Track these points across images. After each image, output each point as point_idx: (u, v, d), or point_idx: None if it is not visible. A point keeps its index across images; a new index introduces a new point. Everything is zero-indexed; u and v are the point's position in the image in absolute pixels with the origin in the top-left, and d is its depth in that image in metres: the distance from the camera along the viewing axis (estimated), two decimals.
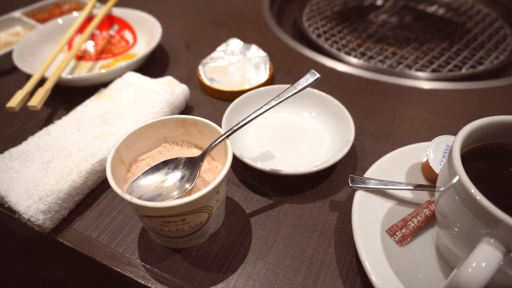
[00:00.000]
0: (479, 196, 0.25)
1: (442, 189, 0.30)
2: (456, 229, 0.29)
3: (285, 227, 0.39)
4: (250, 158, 0.45)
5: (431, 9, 0.91)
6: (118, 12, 0.72)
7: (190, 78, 0.62)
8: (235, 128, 0.36)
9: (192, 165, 0.36)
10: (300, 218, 0.40)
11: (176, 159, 0.36)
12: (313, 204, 0.41)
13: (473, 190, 0.25)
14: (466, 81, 0.62)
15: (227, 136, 0.36)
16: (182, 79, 0.62)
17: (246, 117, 0.37)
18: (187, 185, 0.34)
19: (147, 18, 0.69)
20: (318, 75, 0.38)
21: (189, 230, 0.34)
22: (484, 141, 0.32)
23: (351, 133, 0.44)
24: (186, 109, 0.55)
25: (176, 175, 0.35)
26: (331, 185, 0.43)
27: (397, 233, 0.36)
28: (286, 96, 0.37)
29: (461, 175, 0.27)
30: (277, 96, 0.37)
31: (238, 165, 0.46)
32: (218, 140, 0.36)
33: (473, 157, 0.31)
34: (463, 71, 0.67)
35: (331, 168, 0.45)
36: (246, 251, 0.37)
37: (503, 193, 0.29)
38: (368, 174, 0.40)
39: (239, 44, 0.65)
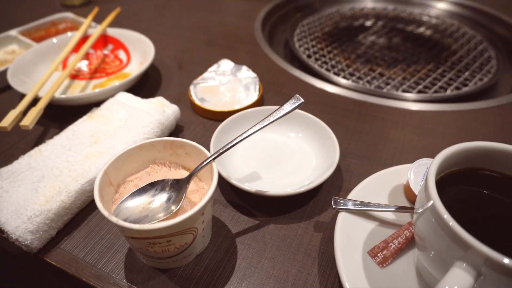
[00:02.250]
0: (452, 222, 0.26)
1: (419, 211, 0.31)
2: (432, 251, 0.30)
3: (270, 247, 0.40)
4: (237, 178, 0.46)
5: (419, 30, 0.94)
6: (113, 32, 0.73)
7: (182, 98, 0.63)
8: (220, 151, 0.37)
9: (178, 187, 0.37)
10: (285, 239, 0.41)
11: (163, 180, 0.37)
12: (298, 224, 0.42)
13: (446, 215, 0.26)
14: (450, 103, 0.63)
15: (213, 159, 0.37)
16: (174, 99, 0.63)
17: (231, 141, 0.38)
18: (173, 207, 0.35)
19: (141, 38, 0.70)
20: (302, 100, 0.39)
21: (175, 251, 0.35)
22: (461, 165, 0.33)
23: (336, 154, 0.45)
24: (177, 129, 0.56)
25: (163, 196, 0.36)
26: (316, 206, 0.44)
27: (378, 255, 0.36)
28: (270, 121, 0.38)
29: (435, 200, 0.28)
30: (261, 120, 0.39)
31: (226, 185, 0.47)
32: (204, 163, 0.37)
33: (450, 181, 0.32)
34: (448, 92, 0.69)
35: (316, 189, 0.46)
36: (231, 271, 0.38)
37: (476, 218, 0.30)
38: (351, 195, 0.41)
39: (230, 64, 0.66)
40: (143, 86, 0.67)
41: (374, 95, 0.65)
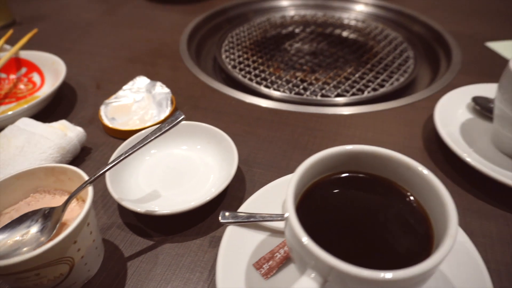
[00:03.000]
0: (298, 229, 0.26)
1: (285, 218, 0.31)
2: (294, 258, 0.30)
3: (161, 267, 0.39)
4: (134, 199, 0.45)
5: (344, 34, 0.96)
6: (26, 54, 0.71)
7: (95, 118, 0.62)
8: (96, 175, 0.36)
9: (54, 215, 0.36)
10: (178, 257, 0.40)
11: (39, 210, 0.36)
12: (193, 241, 0.42)
13: (297, 229, 0.26)
14: (366, 104, 0.65)
15: (90, 183, 0.36)
16: (86, 120, 0.62)
17: (107, 165, 0.37)
18: (43, 238, 0.34)
19: (54, 59, 0.69)
20: (183, 116, 0.39)
21: (49, 283, 0.34)
22: (332, 170, 0.34)
23: (233, 167, 0.45)
24: (84, 152, 0.55)
25: (37, 227, 0.35)
26: (214, 221, 0.44)
27: (264, 266, 0.36)
28: (150, 139, 0.38)
29: (290, 211, 0.28)
30: (141, 140, 0.38)
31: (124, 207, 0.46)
32: (80, 189, 0.36)
33: (315, 189, 0.33)
34: (365, 94, 0.71)
35: (216, 202, 0.46)
36: None
37: (334, 224, 0.31)
38: (243, 207, 0.41)
39: (145, 81, 0.66)
40: (57, 108, 0.65)
41: (290, 102, 0.66)
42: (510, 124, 0.48)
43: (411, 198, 0.31)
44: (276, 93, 0.70)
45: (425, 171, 0.30)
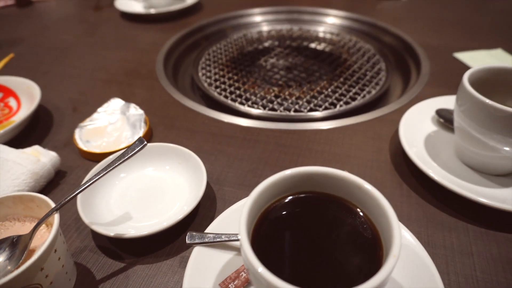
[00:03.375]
0: (248, 252, 0.27)
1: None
2: (252, 281, 0.31)
3: None
4: (105, 222, 0.45)
5: (319, 48, 0.99)
6: (1, 79, 0.72)
7: (70, 141, 0.63)
8: (61, 203, 0.37)
9: (21, 242, 0.36)
10: (149, 278, 0.41)
11: (7, 238, 0.37)
12: (164, 262, 0.43)
13: (251, 257, 0.27)
14: (337, 119, 0.67)
15: (56, 210, 0.37)
16: (62, 143, 0.62)
17: (74, 191, 0.38)
18: (10, 266, 0.35)
19: (29, 84, 0.70)
20: (145, 143, 0.41)
21: None
22: (288, 192, 0.35)
23: (201, 187, 0.46)
24: (59, 176, 0.56)
25: (5, 255, 0.36)
26: (184, 241, 0.45)
27: (229, 286, 0.38)
28: (112, 167, 0.39)
29: (243, 239, 0.29)
30: (105, 167, 0.39)
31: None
32: (46, 217, 0.37)
33: (272, 211, 0.34)
34: (337, 108, 0.73)
35: (187, 222, 0.47)
36: None
37: (286, 247, 0.32)
38: (211, 227, 0.42)
39: (120, 103, 0.67)
40: (33, 131, 0.66)
41: (263, 119, 0.68)
42: (468, 137, 0.50)
43: (362, 215, 0.33)
44: (250, 110, 0.72)
45: (371, 189, 0.32)
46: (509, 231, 0.46)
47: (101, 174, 0.39)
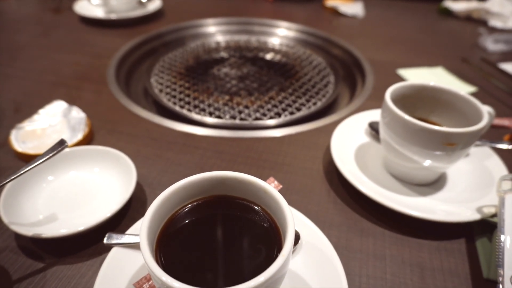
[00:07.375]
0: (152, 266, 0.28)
1: None
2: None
3: None
4: (29, 223, 0.45)
5: (273, 59, 1.02)
6: None
7: (6, 142, 0.62)
8: None
9: None
10: (67, 279, 0.41)
11: None
12: (84, 263, 0.43)
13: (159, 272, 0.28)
14: (281, 128, 0.69)
15: None
16: None
17: None
18: None
19: None
20: (66, 144, 0.41)
21: None
22: (204, 194, 0.37)
23: (130, 188, 0.47)
24: None
25: None
26: None
27: (144, 285, 0.38)
28: (31, 167, 0.39)
29: (144, 250, 0.29)
30: (24, 167, 0.40)
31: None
32: None
33: (175, 219, 0.35)
34: (282, 118, 0.75)
35: (114, 224, 0.48)
36: None
37: (191, 254, 0.33)
38: (132, 228, 0.43)
39: (62, 105, 0.67)
40: None
41: (205, 126, 0.69)
42: (391, 148, 0.53)
43: (265, 214, 0.35)
44: (194, 116, 0.73)
45: (272, 190, 0.33)
46: (422, 236, 0.48)
47: (17, 174, 0.39)
